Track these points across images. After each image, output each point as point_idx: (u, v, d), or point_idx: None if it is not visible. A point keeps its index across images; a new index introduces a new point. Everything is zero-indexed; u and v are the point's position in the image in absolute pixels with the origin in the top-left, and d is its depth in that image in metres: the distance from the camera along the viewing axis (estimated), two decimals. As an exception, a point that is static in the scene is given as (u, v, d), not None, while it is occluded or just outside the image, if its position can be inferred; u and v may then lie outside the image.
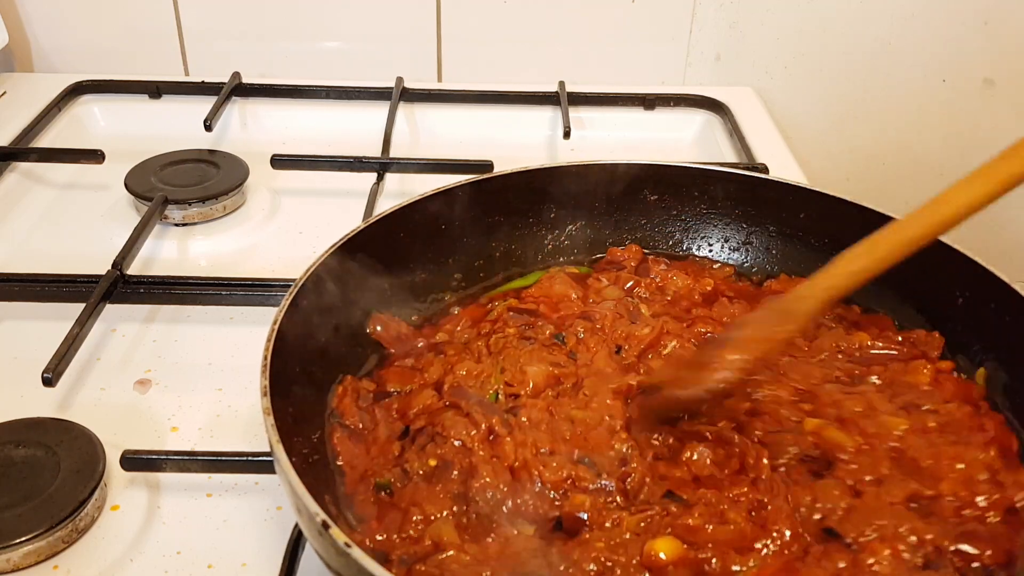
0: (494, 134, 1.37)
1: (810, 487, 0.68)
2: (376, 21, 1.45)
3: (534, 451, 0.71)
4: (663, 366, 0.81)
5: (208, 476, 0.79)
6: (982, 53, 1.48)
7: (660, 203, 0.98)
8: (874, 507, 0.66)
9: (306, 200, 1.21)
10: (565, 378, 0.78)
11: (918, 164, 1.58)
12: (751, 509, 0.66)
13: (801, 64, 1.51)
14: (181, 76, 1.48)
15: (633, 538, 0.64)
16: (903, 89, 1.52)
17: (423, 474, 0.70)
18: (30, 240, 1.12)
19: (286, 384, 0.69)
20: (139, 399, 0.88)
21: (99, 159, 1.19)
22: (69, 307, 0.91)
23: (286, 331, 0.71)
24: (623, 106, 1.42)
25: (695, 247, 0.99)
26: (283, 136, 1.36)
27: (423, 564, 0.63)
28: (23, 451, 0.77)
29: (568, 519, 0.66)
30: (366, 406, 0.76)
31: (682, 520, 0.65)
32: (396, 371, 0.81)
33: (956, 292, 0.84)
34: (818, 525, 0.66)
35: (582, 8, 1.46)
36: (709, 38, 1.49)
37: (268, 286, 0.97)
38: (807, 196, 0.94)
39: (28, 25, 1.46)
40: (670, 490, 0.67)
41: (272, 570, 0.70)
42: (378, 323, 0.84)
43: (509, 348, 0.81)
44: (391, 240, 0.86)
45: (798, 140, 1.46)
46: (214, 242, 1.12)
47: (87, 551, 0.73)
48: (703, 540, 0.64)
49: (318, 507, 0.57)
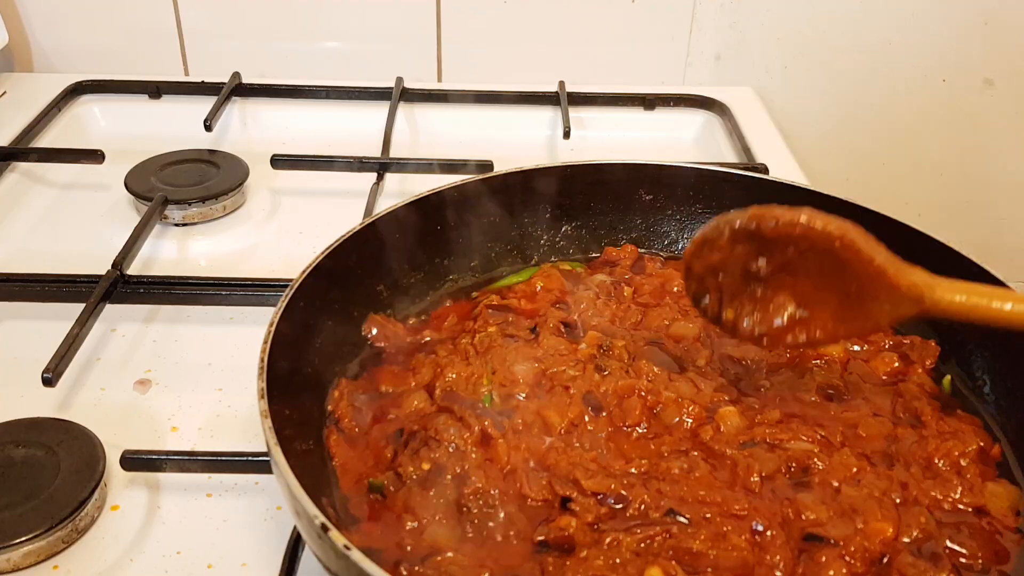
0: (494, 134, 1.38)
1: (794, 500, 0.68)
2: (376, 21, 1.45)
3: (524, 460, 0.71)
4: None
5: (208, 476, 0.79)
6: (982, 53, 1.49)
7: (655, 203, 0.98)
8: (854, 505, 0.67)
9: (306, 200, 1.21)
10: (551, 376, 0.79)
11: (918, 164, 1.58)
12: (752, 533, 0.66)
13: (801, 64, 1.51)
14: (181, 76, 1.49)
15: (632, 558, 0.63)
16: (903, 89, 1.52)
17: (417, 479, 0.70)
18: (30, 240, 1.12)
19: (283, 386, 0.69)
20: (139, 399, 0.88)
21: (99, 159, 1.19)
22: (69, 307, 0.92)
23: (283, 333, 0.71)
24: (623, 106, 1.42)
25: (691, 247, 0.99)
26: (283, 136, 1.36)
27: (421, 565, 0.63)
28: (23, 451, 0.77)
29: (555, 542, 0.65)
30: (361, 408, 0.77)
31: (685, 544, 0.65)
32: (389, 372, 0.81)
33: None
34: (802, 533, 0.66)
35: (582, 8, 1.46)
36: (709, 38, 1.49)
37: (268, 286, 0.97)
38: (803, 196, 0.94)
39: (28, 25, 1.46)
40: (672, 508, 0.67)
41: (272, 570, 0.70)
42: (374, 325, 0.85)
43: (495, 347, 0.81)
44: (388, 241, 0.86)
45: (798, 140, 1.46)
46: (214, 242, 1.12)
47: (87, 551, 0.73)
48: (704, 565, 0.64)
49: (317, 510, 0.57)
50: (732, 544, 0.65)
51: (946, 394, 0.81)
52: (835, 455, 0.72)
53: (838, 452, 0.72)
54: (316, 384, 0.78)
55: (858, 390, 0.79)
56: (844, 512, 0.67)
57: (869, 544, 0.65)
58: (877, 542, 0.65)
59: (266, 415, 0.63)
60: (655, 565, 0.62)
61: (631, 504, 0.67)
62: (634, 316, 0.87)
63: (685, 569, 0.63)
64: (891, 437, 0.74)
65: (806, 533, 0.66)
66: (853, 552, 0.64)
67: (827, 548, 0.64)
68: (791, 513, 0.67)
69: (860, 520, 0.66)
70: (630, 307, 0.88)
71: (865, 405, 0.78)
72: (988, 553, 0.66)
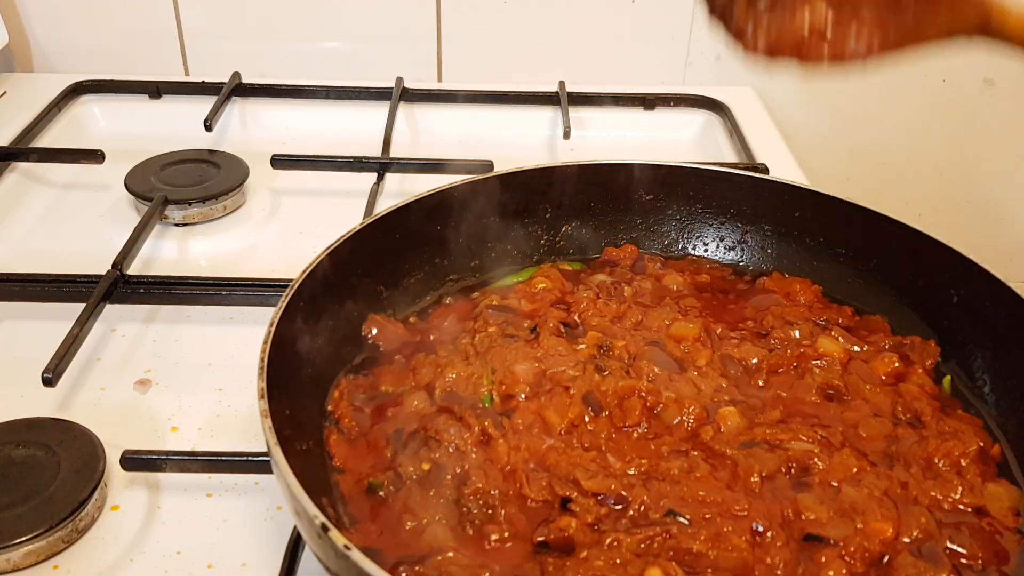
0: (494, 134, 1.37)
1: (794, 500, 0.68)
2: (376, 21, 1.45)
3: (524, 461, 0.71)
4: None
5: (208, 476, 0.79)
6: (982, 53, 1.48)
7: (655, 203, 0.98)
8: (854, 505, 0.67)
9: (306, 200, 1.21)
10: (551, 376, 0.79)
11: (918, 164, 1.58)
12: (752, 533, 0.66)
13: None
14: (181, 76, 1.49)
15: (633, 558, 0.63)
16: (903, 89, 1.52)
17: (417, 479, 0.70)
18: (30, 240, 1.12)
19: (283, 386, 0.69)
20: (139, 399, 0.88)
21: (99, 159, 1.19)
22: (69, 307, 0.92)
23: (283, 333, 0.72)
24: (623, 106, 1.42)
25: (691, 247, 0.99)
26: (283, 136, 1.36)
27: (421, 565, 0.63)
28: (23, 451, 0.77)
29: (555, 543, 0.65)
30: (361, 408, 0.77)
31: (685, 544, 0.65)
32: (389, 371, 0.81)
33: (951, 290, 0.84)
34: (802, 533, 0.66)
35: (582, 8, 1.46)
36: (709, 38, 1.49)
37: (268, 286, 0.97)
38: (802, 196, 0.94)
39: (28, 25, 1.46)
40: (672, 508, 0.67)
41: (272, 570, 0.70)
42: (374, 325, 0.85)
43: (495, 347, 0.81)
44: (388, 240, 0.87)
45: (798, 140, 1.45)
46: (214, 242, 1.12)
47: (87, 551, 0.73)
48: (704, 565, 0.64)
49: (317, 510, 0.57)
50: (732, 544, 0.65)
51: (946, 394, 0.81)
52: (835, 455, 0.72)
53: (838, 452, 0.72)
54: (316, 384, 0.78)
55: (858, 390, 0.79)
56: (844, 512, 0.67)
57: (869, 544, 0.65)
58: (877, 542, 0.65)
59: (266, 415, 0.63)
60: (655, 566, 0.62)
61: (631, 504, 0.68)
62: (634, 316, 0.87)
63: (685, 570, 0.63)
64: (891, 437, 0.75)
65: (806, 533, 0.66)
66: (853, 552, 0.64)
67: (827, 548, 0.65)
68: (791, 513, 0.67)
69: (860, 520, 0.66)
70: (630, 307, 0.88)
71: (865, 405, 0.78)
72: (988, 553, 0.66)
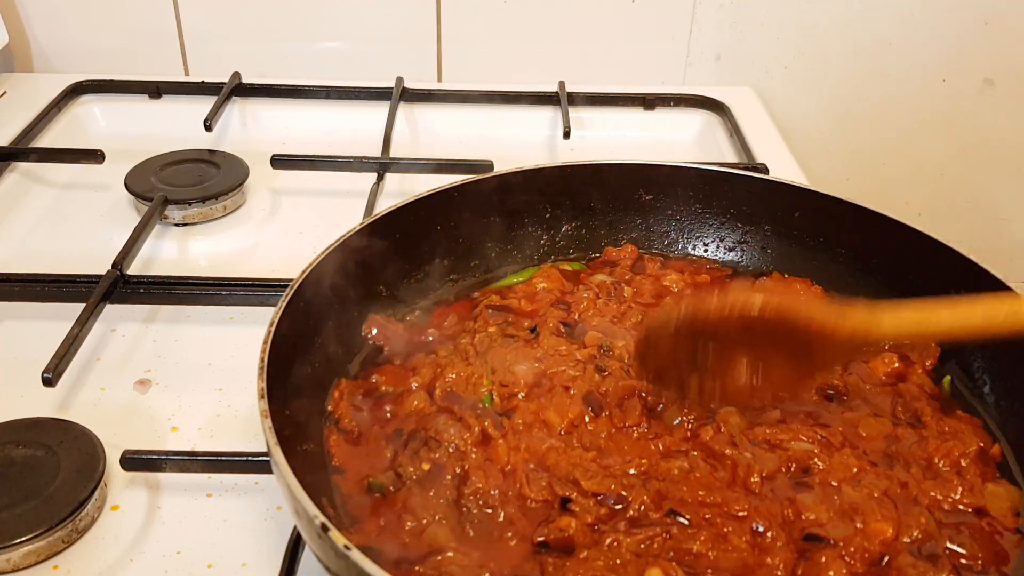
0: (494, 134, 1.38)
1: (794, 500, 0.68)
2: (376, 21, 1.45)
3: (524, 461, 0.71)
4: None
5: (208, 476, 0.79)
6: (982, 53, 1.48)
7: (655, 203, 0.98)
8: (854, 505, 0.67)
9: (306, 200, 1.21)
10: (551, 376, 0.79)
11: (918, 164, 1.58)
12: (753, 534, 0.66)
13: (801, 64, 1.51)
14: (181, 76, 1.49)
15: (633, 559, 0.63)
16: (903, 89, 1.52)
17: (417, 479, 0.70)
18: (30, 240, 1.12)
19: (283, 386, 0.69)
20: (139, 399, 0.88)
21: (99, 159, 1.19)
22: (69, 307, 0.92)
23: (283, 333, 0.71)
24: (623, 106, 1.42)
25: (690, 247, 0.99)
26: (283, 136, 1.36)
27: (421, 565, 0.63)
28: (23, 451, 0.77)
29: (555, 543, 0.65)
30: (361, 408, 0.77)
31: (685, 544, 0.65)
32: (389, 371, 0.81)
33: (951, 290, 0.84)
34: (803, 534, 0.66)
35: (582, 8, 1.46)
36: (709, 38, 1.49)
37: (268, 286, 0.97)
38: (802, 196, 0.94)
39: (28, 25, 1.46)
40: (672, 509, 0.67)
41: (272, 570, 0.70)
42: (374, 325, 0.85)
43: (495, 347, 0.81)
44: (388, 241, 0.86)
45: (798, 140, 1.45)
46: (214, 242, 1.12)
47: (87, 551, 0.73)
48: (704, 566, 0.64)
49: (317, 510, 0.57)
50: (732, 545, 0.65)
51: (946, 394, 0.81)
52: (835, 455, 0.72)
53: (838, 452, 0.72)
54: (316, 384, 0.78)
55: (858, 390, 0.80)
56: (844, 512, 0.67)
57: (869, 544, 0.65)
58: (877, 542, 0.65)
59: (266, 415, 0.63)
60: (655, 566, 0.62)
61: (631, 505, 0.68)
62: (634, 316, 0.87)
63: (685, 570, 0.63)
64: (891, 437, 0.75)
65: (806, 533, 0.66)
66: (853, 552, 0.64)
67: (827, 548, 0.65)
68: (791, 513, 0.67)
69: (860, 520, 0.66)
70: (630, 307, 0.88)
71: (865, 405, 0.78)
72: (988, 554, 0.66)
